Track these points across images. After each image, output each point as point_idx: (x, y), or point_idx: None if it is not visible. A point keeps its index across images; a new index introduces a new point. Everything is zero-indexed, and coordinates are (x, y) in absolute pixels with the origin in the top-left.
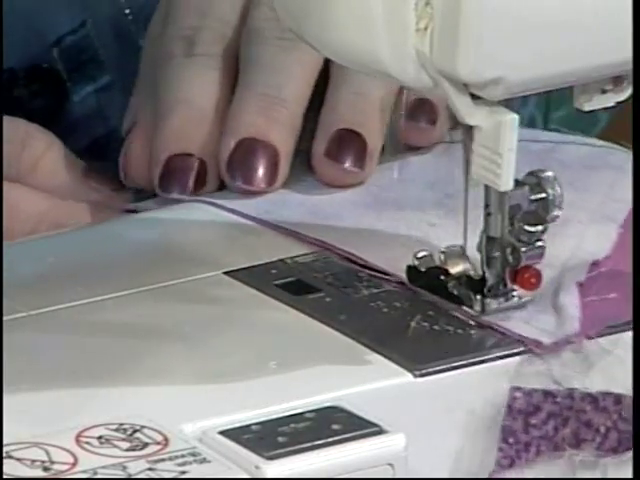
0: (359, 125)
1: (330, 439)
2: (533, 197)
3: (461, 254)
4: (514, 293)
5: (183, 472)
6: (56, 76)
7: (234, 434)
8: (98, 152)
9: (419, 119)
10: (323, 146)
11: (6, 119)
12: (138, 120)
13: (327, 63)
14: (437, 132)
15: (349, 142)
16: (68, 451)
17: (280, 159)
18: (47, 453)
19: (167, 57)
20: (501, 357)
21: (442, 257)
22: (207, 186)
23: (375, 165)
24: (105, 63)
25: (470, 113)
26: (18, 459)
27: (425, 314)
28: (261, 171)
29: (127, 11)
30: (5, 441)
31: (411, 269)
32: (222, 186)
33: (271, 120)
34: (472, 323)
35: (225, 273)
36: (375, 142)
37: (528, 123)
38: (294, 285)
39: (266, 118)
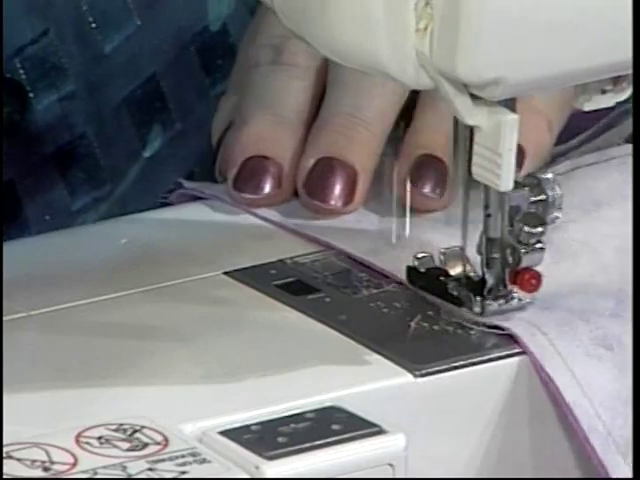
0: (442, 151)
1: (330, 439)
2: (533, 199)
3: (461, 255)
4: (514, 295)
5: (183, 472)
6: (18, 86)
7: (234, 434)
8: (63, 159)
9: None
10: (405, 170)
11: None
12: (234, 120)
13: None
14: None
15: (430, 167)
16: (68, 451)
17: (358, 179)
18: (47, 453)
19: (254, 64)
20: (501, 357)
21: (442, 258)
22: (282, 190)
23: (457, 192)
24: (68, 71)
25: (470, 113)
26: (18, 459)
27: (425, 314)
28: (338, 190)
29: (90, 19)
30: (5, 441)
31: (411, 270)
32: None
33: (352, 140)
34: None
35: (225, 273)
36: None
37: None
38: (294, 285)
39: (347, 138)
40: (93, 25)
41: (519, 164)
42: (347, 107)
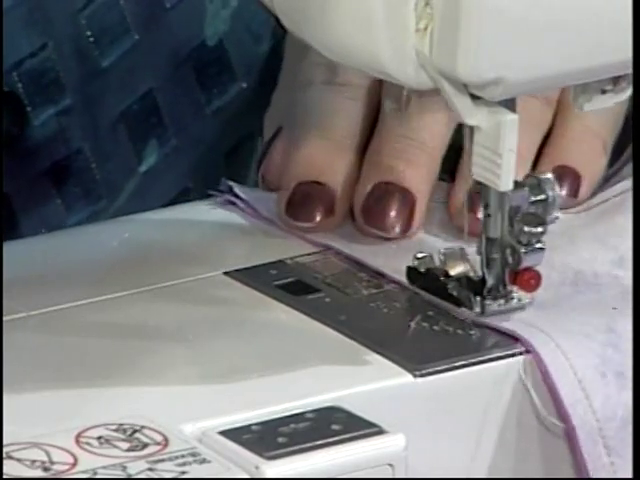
0: None
1: (330, 439)
2: (533, 199)
3: (461, 255)
4: (514, 295)
5: (183, 472)
6: (16, 100)
7: (234, 434)
8: (59, 174)
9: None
10: (462, 193)
11: None
12: (284, 126)
13: None
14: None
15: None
16: (68, 451)
17: (416, 205)
18: (47, 453)
19: (307, 82)
20: (501, 357)
21: (442, 258)
22: (335, 218)
23: None
24: (66, 86)
25: (470, 113)
26: (18, 459)
27: (425, 314)
28: (396, 218)
29: (89, 33)
30: (5, 441)
31: (411, 270)
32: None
33: (409, 164)
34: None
35: (225, 273)
36: None
37: None
38: (294, 285)
39: (404, 161)
40: (91, 39)
41: (575, 191)
42: (403, 129)
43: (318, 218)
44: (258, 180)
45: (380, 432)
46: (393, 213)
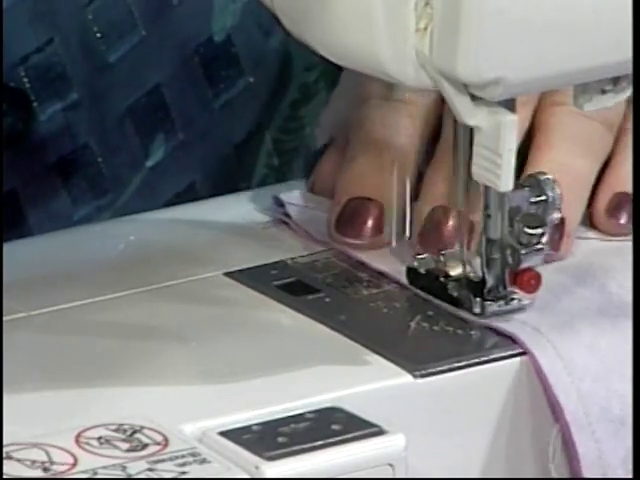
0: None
1: (330, 439)
2: (533, 199)
3: (461, 256)
4: (514, 296)
5: (183, 472)
6: (22, 95)
7: (234, 434)
8: (66, 169)
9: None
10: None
11: None
12: (336, 137)
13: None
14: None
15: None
16: (68, 451)
17: (475, 228)
18: (47, 453)
19: (365, 96)
20: (501, 358)
21: (442, 259)
22: (385, 233)
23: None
24: (72, 81)
25: (470, 113)
26: (18, 459)
27: (425, 314)
28: (455, 243)
29: (95, 28)
30: (5, 441)
31: (411, 270)
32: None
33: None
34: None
35: (225, 274)
36: None
37: None
38: (294, 286)
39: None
40: (98, 35)
41: (619, 214)
42: None
43: (368, 235)
44: (257, 176)
45: (380, 432)
46: (452, 239)
